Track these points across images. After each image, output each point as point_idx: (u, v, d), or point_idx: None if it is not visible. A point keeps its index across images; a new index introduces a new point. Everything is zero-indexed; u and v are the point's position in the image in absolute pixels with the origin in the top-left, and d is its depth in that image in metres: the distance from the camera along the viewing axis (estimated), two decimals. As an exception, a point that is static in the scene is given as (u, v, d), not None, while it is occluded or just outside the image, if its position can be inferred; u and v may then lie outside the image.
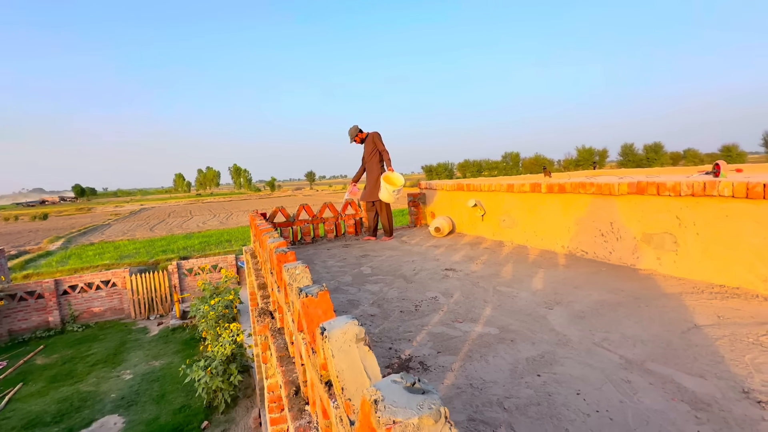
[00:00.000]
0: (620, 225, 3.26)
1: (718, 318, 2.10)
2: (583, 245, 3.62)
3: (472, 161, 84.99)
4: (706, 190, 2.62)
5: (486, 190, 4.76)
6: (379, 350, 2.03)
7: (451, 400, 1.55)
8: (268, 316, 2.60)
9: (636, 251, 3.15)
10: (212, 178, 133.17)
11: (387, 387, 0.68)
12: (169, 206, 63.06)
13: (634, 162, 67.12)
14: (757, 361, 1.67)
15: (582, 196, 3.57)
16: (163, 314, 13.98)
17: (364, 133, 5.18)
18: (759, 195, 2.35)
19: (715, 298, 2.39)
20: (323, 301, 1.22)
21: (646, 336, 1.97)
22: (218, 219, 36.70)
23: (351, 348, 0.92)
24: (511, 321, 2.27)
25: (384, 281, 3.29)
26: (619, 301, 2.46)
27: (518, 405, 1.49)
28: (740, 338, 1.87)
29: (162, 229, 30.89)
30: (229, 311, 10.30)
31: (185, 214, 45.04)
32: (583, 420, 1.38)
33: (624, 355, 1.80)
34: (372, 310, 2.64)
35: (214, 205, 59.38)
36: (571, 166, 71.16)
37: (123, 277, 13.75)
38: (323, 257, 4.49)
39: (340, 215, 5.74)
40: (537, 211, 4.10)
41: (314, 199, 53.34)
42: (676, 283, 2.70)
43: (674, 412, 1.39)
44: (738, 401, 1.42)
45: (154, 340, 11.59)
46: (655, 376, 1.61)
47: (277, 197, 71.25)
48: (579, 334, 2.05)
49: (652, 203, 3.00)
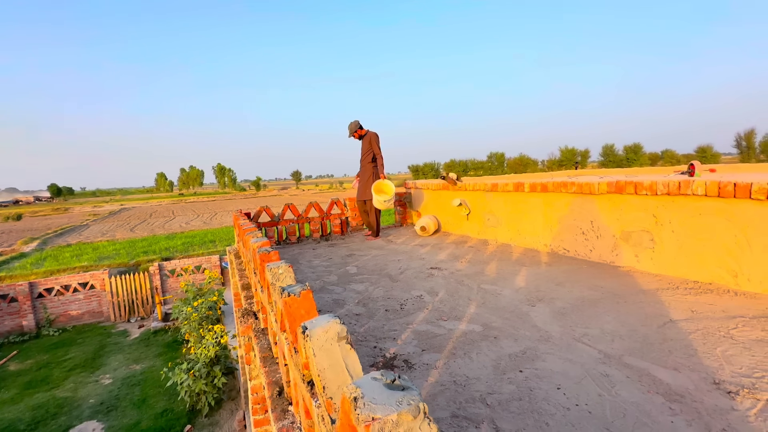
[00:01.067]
0: (600, 223, 3.34)
1: (692, 312, 2.18)
2: (565, 243, 3.70)
3: (458, 161, 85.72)
4: (681, 189, 2.70)
5: (471, 189, 4.80)
6: (363, 349, 2.03)
7: (435, 397, 1.56)
8: (251, 317, 2.57)
9: (615, 249, 3.23)
10: (195, 178, 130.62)
11: (367, 384, 0.68)
12: (150, 206, 61.58)
13: (615, 162, 68.92)
14: (728, 353, 1.73)
15: (564, 195, 3.64)
16: (144, 317, 13.65)
17: (363, 130, 5.10)
18: (730, 194, 2.44)
19: (690, 293, 2.47)
20: (306, 300, 1.21)
21: (624, 331, 2.02)
22: (202, 219, 36.03)
23: (333, 347, 0.92)
24: (495, 318, 2.30)
25: (369, 280, 3.28)
26: (598, 297, 2.52)
27: (500, 400, 1.51)
28: (712, 332, 1.94)
29: (143, 229, 30.15)
30: (213, 312, 10.13)
31: (167, 214, 44.06)
32: (563, 414, 1.41)
33: (603, 350, 1.84)
34: (357, 309, 2.64)
35: (198, 205, 58.29)
36: (555, 166, 72.59)
37: (102, 279, 13.36)
38: (308, 257, 4.45)
39: (325, 215, 5.71)
40: (520, 210, 4.16)
41: (300, 198, 52.91)
42: (653, 280, 2.78)
43: (650, 404, 1.43)
44: (709, 392, 1.47)
45: (134, 344, 11.31)
46: (632, 370, 1.66)
47: (263, 197, 70.39)
48: (560, 330, 2.09)
49: (630, 202, 3.08)
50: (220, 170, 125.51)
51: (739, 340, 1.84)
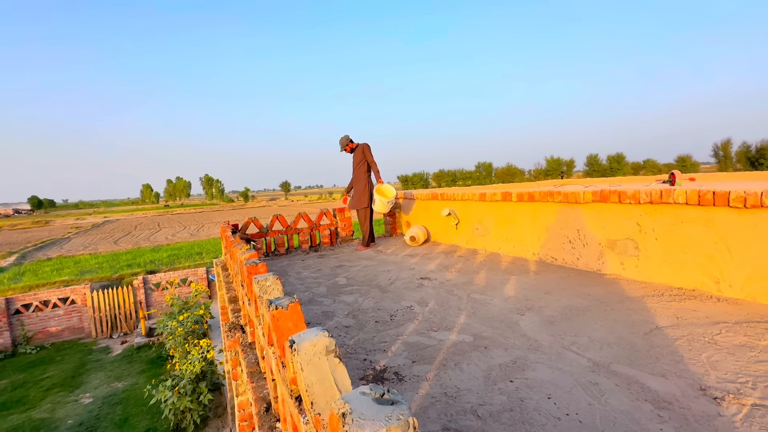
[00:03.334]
0: (586, 232, 3.39)
1: (677, 319, 2.21)
2: (552, 252, 3.74)
3: (447, 171, 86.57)
4: (663, 197, 2.77)
5: (459, 199, 4.84)
6: (353, 362, 2.00)
7: (425, 410, 1.54)
8: (238, 331, 2.52)
9: (601, 257, 3.28)
10: (182, 189, 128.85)
11: (355, 399, 0.66)
12: (135, 218, 60.36)
13: (599, 172, 70.53)
14: (713, 359, 1.76)
15: (550, 204, 3.69)
16: (127, 332, 13.25)
17: (354, 143, 5.28)
18: (709, 202, 2.51)
19: (674, 300, 2.52)
20: (294, 313, 1.19)
21: (612, 338, 2.04)
22: (188, 231, 35.44)
23: (321, 360, 0.90)
24: (485, 328, 2.30)
25: (359, 291, 3.26)
26: (586, 305, 2.55)
27: (492, 412, 1.50)
28: (697, 338, 1.97)
29: (127, 242, 29.48)
30: (199, 327, 9.89)
31: (153, 226, 43.23)
32: (554, 424, 1.40)
33: (592, 358, 1.85)
34: (347, 321, 2.61)
35: (185, 217, 57.38)
36: (541, 175, 73.90)
37: (83, 294, 12.97)
38: (297, 268, 4.41)
39: (315, 225, 5.68)
40: (508, 220, 4.20)
41: (289, 209, 52.52)
42: (639, 287, 2.82)
43: (639, 411, 1.44)
44: (696, 398, 1.49)
45: (116, 360, 10.94)
46: (620, 378, 1.67)
47: (251, 208, 69.70)
48: (549, 338, 2.10)
49: (614, 211, 3.15)
50: (207, 181, 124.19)
51: (723, 345, 1.87)
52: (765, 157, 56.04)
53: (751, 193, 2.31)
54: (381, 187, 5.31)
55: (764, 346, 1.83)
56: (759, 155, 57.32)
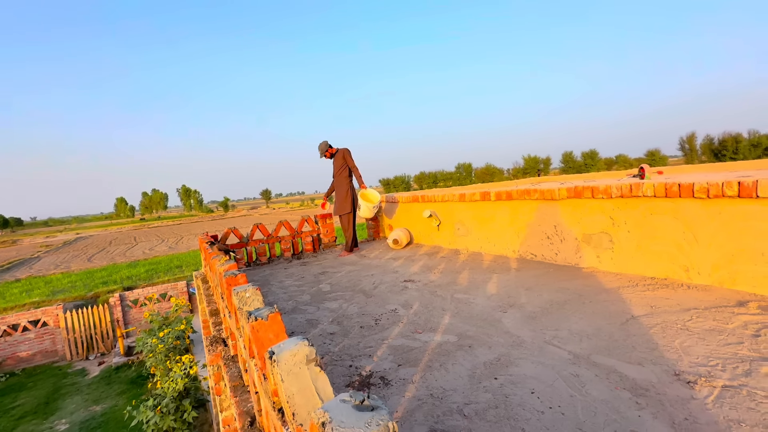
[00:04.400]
0: (563, 227, 3.48)
1: (651, 308, 2.29)
2: (531, 249, 3.82)
3: (427, 173, 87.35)
4: (633, 191, 2.88)
5: (440, 200, 4.89)
6: (339, 369, 1.98)
7: (412, 413, 1.54)
8: (220, 344, 2.46)
9: (578, 251, 3.37)
10: (159, 201, 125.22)
11: (336, 407, 0.66)
12: (110, 233, 58.24)
13: (575, 168, 72.64)
14: (685, 344, 1.83)
15: (528, 202, 3.77)
16: (104, 352, 12.73)
17: (333, 149, 5.25)
18: (675, 194, 2.63)
19: (648, 289, 2.61)
20: (274, 323, 1.17)
21: (590, 330, 2.09)
22: (167, 244, 34.44)
23: (301, 370, 0.89)
24: (469, 327, 2.33)
25: (343, 297, 3.24)
26: (565, 299, 2.61)
27: (477, 410, 1.51)
28: (670, 325, 2.04)
29: (102, 258, 28.39)
30: (181, 342, 9.60)
31: (129, 240, 41.80)
32: (538, 418, 1.43)
33: (572, 351, 1.90)
34: (331, 328, 2.58)
35: (162, 230, 55.73)
36: (519, 174, 75.52)
37: (56, 315, 12.40)
38: (280, 277, 4.34)
39: (296, 233, 5.62)
40: (488, 219, 4.27)
41: (271, 218, 51.78)
42: (614, 279, 2.91)
43: (618, 400, 1.48)
44: (671, 383, 1.54)
45: (94, 383, 10.49)
46: (600, 368, 1.72)
47: (231, 218, 68.36)
48: (531, 334, 2.14)
49: (589, 206, 3.24)
50: (185, 192, 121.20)
51: (694, 331, 1.95)
52: (727, 149, 59.00)
53: (713, 184, 2.43)
54: (365, 192, 5.31)
55: (732, 330, 1.92)
56: (721, 147, 60.29)
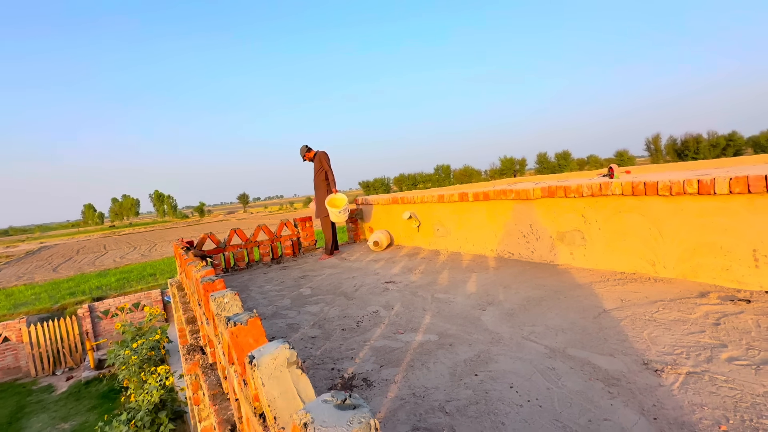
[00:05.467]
0: (539, 226, 3.59)
1: (621, 301, 2.39)
2: (509, 247, 3.91)
3: (407, 175, 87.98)
4: (602, 190, 3.00)
5: (419, 202, 4.94)
6: (321, 372, 1.98)
7: (395, 413, 1.55)
8: (198, 353, 2.40)
9: (553, 249, 3.48)
10: (130, 207, 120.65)
11: (317, 408, 0.66)
12: (77, 242, 55.59)
13: (549, 169, 74.89)
14: (653, 335, 1.92)
15: (504, 202, 3.87)
16: (73, 367, 12.13)
17: (312, 152, 5.23)
18: (641, 192, 2.76)
19: (618, 283, 2.72)
20: (254, 328, 1.16)
21: (565, 325, 2.17)
22: (139, 251, 33.20)
23: (282, 373, 0.89)
24: (449, 326, 2.36)
25: (324, 300, 3.22)
26: (542, 295, 2.69)
27: (459, 407, 1.54)
28: (639, 317, 2.14)
29: (69, 268, 27.06)
30: (156, 353, 9.26)
31: (98, 249, 40.03)
32: (517, 411, 1.47)
33: (548, 345, 1.96)
34: (313, 331, 2.57)
35: (134, 237, 53.68)
36: (497, 175, 77.17)
37: (18, 330, 11.71)
38: (259, 282, 4.27)
39: (275, 237, 5.54)
40: (467, 219, 4.35)
41: (249, 222, 50.79)
42: (587, 274, 3.02)
43: (592, 390, 1.54)
44: (640, 372, 1.62)
45: (62, 399, 9.98)
46: (575, 361, 1.78)
47: (208, 223, 66.61)
48: (510, 330, 2.19)
49: (562, 205, 3.36)
50: (158, 197, 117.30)
51: (661, 322, 2.05)
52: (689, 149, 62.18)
53: (676, 182, 2.57)
54: (332, 198, 5.17)
55: (694, 319, 2.03)
56: (684, 147, 63.51)
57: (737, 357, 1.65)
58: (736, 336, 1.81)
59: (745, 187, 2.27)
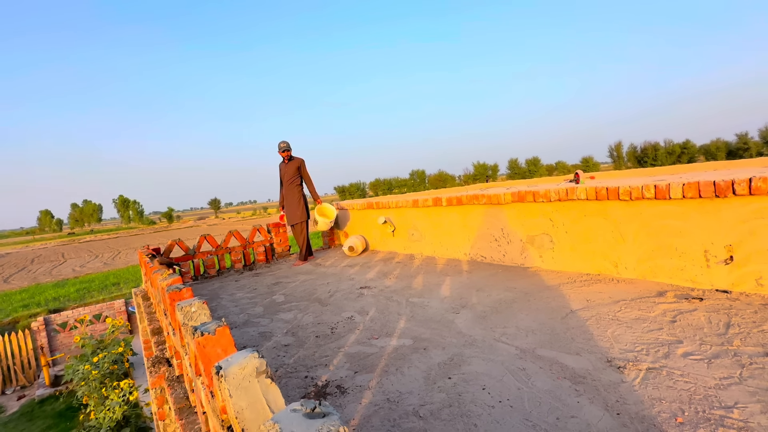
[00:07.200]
0: (509, 230, 3.69)
1: (587, 302, 2.49)
2: (481, 251, 3.99)
3: (383, 180, 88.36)
4: (569, 195, 3.13)
5: (395, 207, 4.97)
6: (294, 381, 1.94)
7: (369, 419, 1.54)
8: (164, 365, 2.30)
9: (523, 252, 3.59)
10: (91, 213, 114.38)
11: (286, 417, 0.65)
12: (32, 250, 52.05)
13: (520, 174, 77.34)
14: (616, 333, 2.01)
15: (477, 206, 3.95)
16: (25, 385, 11.29)
17: (290, 152, 5.13)
18: (604, 197, 2.89)
19: (584, 284, 2.83)
20: (222, 337, 1.13)
21: (535, 326, 2.23)
22: (101, 260, 31.48)
23: (251, 384, 0.86)
24: (424, 330, 2.38)
25: (298, 307, 3.17)
26: (513, 298, 2.76)
27: (432, 411, 1.55)
28: (603, 316, 2.24)
29: (22, 278, 25.27)
30: (119, 366, 8.77)
31: (55, 258, 37.64)
32: (489, 413, 1.49)
33: (519, 346, 2.01)
34: (286, 339, 2.51)
35: (96, 244, 50.87)
36: (470, 180, 78.86)
37: (-37, 346, 10.80)
38: (231, 290, 4.15)
39: (248, 243, 5.41)
40: (441, 224, 4.41)
41: (220, 228, 49.31)
42: (555, 276, 3.13)
43: (559, 389, 1.59)
44: (604, 370, 1.69)
45: (12, 420, 9.26)
46: (544, 361, 1.83)
47: (177, 229, 64.11)
48: (482, 332, 2.23)
49: (531, 209, 3.47)
50: (122, 203, 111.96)
51: (623, 320, 2.15)
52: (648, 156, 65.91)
53: (635, 187, 2.71)
54: (322, 208, 5.30)
55: (653, 317, 2.14)
56: (643, 154, 67.26)
57: (691, 352, 1.75)
58: (690, 332, 1.93)
59: (696, 192, 2.42)
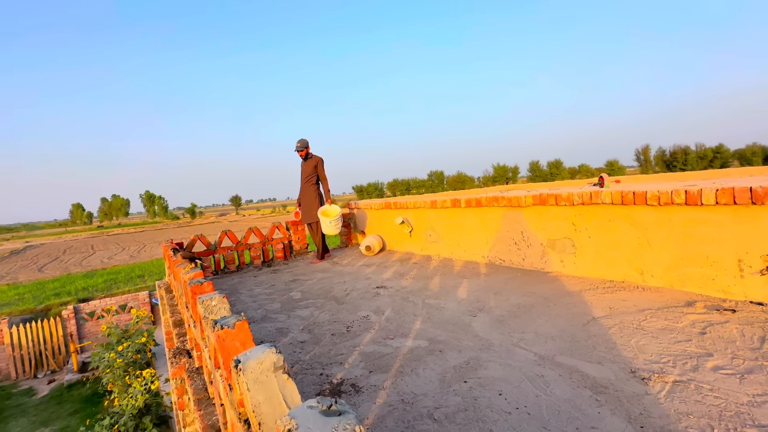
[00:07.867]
0: (530, 233, 3.61)
1: (610, 309, 2.41)
2: (500, 254, 3.93)
3: (401, 180, 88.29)
4: (593, 199, 3.04)
5: (412, 207, 4.95)
6: (309, 377, 1.95)
7: (383, 419, 1.53)
8: (184, 356, 2.36)
9: (544, 256, 3.51)
10: (120, 208, 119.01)
11: (302, 414, 0.65)
12: (64, 242, 54.58)
13: (541, 177, 75.78)
14: (640, 343, 1.94)
15: (496, 209, 3.89)
16: (55, 369, 11.85)
17: (309, 149, 5.17)
18: (630, 201, 2.79)
19: (607, 291, 2.75)
20: (241, 331, 1.15)
21: (555, 332, 2.18)
22: (128, 252, 32.70)
23: (269, 378, 0.87)
24: (440, 332, 2.35)
25: (315, 305, 3.20)
26: (532, 302, 2.70)
27: (447, 414, 1.53)
28: (627, 325, 2.16)
29: (55, 268, 26.53)
30: (142, 356, 9.08)
31: (85, 249, 39.34)
32: (505, 419, 1.46)
33: (538, 352, 1.96)
34: (302, 336, 2.54)
35: (123, 237, 52.90)
36: (489, 182, 77.84)
37: (0, 330, 11.42)
38: (249, 285, 4.23)
39: (267, 240, 5.50)
40: (459, 225, 4.36)
41: (240, 224, 50.39)
42: (577, 282, 3.05)
43: (580, 398, 1.54)
44: (627, 381, 1.63)
45: (42, 403, 9.73)
46: (563, 368, 1.78)
47: (199, 225, 65.91)
48: (500, 337, 2.19)
49: (553, 213, 3.38)
50: (148, 198, 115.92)
51: (648, 330, 2.07)
52: (677, 160, 63.37)
53: (664, 192, 2.61)
54: (325, 209, 5.11)
55: (681, 328, 2.05)
56: (672, 158, 64.71)
57: (722, 366, 1.67)
58: (721, 345, 1.84)
59: (731, 198, 2.31)
